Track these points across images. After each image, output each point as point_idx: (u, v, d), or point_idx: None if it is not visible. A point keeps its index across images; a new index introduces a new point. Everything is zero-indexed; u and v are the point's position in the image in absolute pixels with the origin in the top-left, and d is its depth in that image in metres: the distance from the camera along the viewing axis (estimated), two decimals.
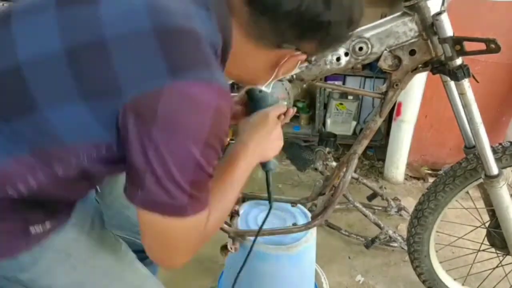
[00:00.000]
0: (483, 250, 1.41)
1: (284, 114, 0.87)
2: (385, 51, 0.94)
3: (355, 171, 2.23)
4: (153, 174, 0.56)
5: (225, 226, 1.18)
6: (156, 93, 0.54)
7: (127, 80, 0.55)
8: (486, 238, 1.37)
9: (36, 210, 0.66)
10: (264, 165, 0.89)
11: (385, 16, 0.97)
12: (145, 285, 0.88)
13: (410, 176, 2.44)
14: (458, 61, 0.93)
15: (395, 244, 1.80)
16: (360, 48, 0.96)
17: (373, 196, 2.07)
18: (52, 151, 0.59)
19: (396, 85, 0.98)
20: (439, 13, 0.88)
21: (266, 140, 0.81)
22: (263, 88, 0.84)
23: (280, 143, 0.84)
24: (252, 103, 0.87)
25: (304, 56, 0.71)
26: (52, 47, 0.57)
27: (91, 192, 0.89)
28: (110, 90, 0.56)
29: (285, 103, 0.87)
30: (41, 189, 0.62)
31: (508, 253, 1.31)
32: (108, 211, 0.97)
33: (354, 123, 2.69)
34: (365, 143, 1.08)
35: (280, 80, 0.94)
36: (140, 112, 0.55)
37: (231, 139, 1.23)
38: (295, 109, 0.93)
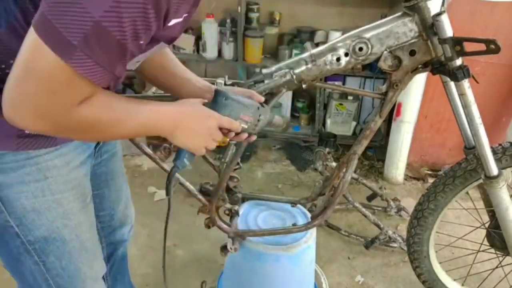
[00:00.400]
0: (483, 251, 1.41)
1: (237, 134, 0.79)
2: (385, 52, 0.94)
3: (355, 172, 2.23)
4: None
5: (225, 226, 1.18)
6: None
7: None
8: (485, 239, 1.37)
9: None
10: (177, 155, 0.77)
11: (385, 17, 0.97)
12: (94, 255, 0.85)
13: (410, 177, 2.44)
14: (458, 61, 0.93)
15: (395, 245, 1.81)
16: (360, 49, 0.96)
17: (372, 196, 2.07)
18: None
19: (396, 85, 0.98)
20: (439, 14, 0.88)
21: (190, 121, 0.70)
22: (233, 96, 0.76)
23: (201, 146, 0.73)
24: (213, 104, 0.76)
25: None
26: None
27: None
28: None
29: (244, 125, 0.80)
30: None
31: (507, 254, 1.31)
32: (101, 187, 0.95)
33: (354, 123, 2.70)
34: (365, 143, 1.08)
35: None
36: None
37: None
38: (254, 137, 0.84)
